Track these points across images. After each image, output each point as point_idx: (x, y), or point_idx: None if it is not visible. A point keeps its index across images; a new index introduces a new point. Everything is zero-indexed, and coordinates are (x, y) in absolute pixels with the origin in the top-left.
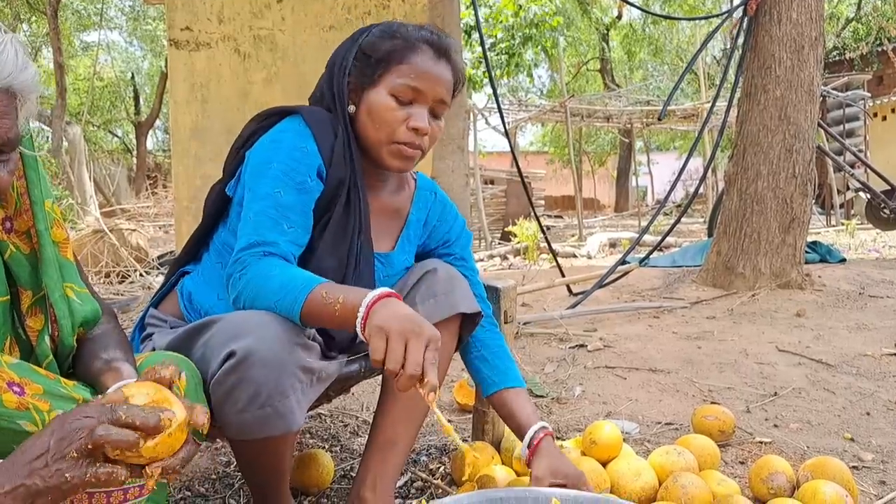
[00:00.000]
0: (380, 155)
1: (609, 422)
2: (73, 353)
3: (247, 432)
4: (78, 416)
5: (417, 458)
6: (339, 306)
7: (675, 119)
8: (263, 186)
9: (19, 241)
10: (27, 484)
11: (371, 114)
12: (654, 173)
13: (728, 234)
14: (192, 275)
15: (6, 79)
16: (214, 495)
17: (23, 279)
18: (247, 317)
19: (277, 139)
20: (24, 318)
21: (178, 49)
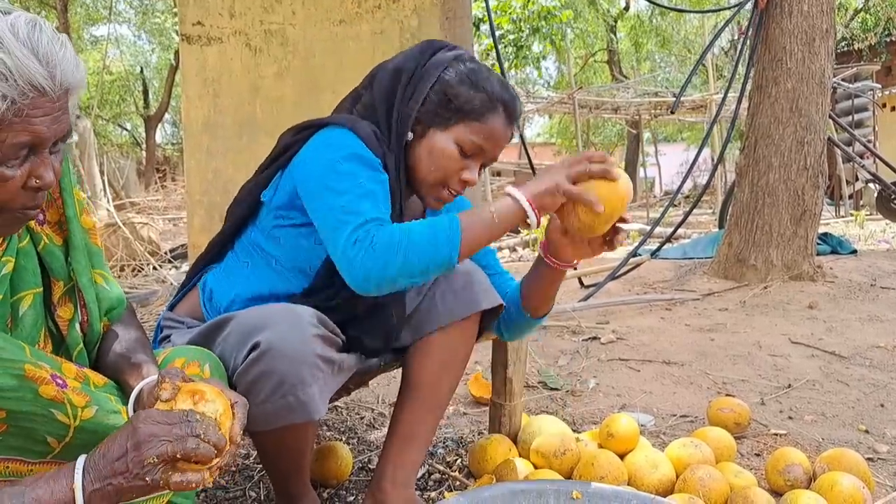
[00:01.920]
0: (422, 190)
1: (626, 414)
2: (99, 342)
3: (270, 422)
4: (155, 422)
5: (434, 451)
6: (496, 218)
7: (684, 110)
8: (342, 183)
9: (52, 233)
10: (114, 484)
11: (432, 154)
12: (661, 164)
13: (740, 227)
14: (214, 272)
15: (69, 80)
16: (234, 487)
17: (56, 270)
18: (266, 310)
19: (338, 144)
20: (55, 309)
21: (190, 44)
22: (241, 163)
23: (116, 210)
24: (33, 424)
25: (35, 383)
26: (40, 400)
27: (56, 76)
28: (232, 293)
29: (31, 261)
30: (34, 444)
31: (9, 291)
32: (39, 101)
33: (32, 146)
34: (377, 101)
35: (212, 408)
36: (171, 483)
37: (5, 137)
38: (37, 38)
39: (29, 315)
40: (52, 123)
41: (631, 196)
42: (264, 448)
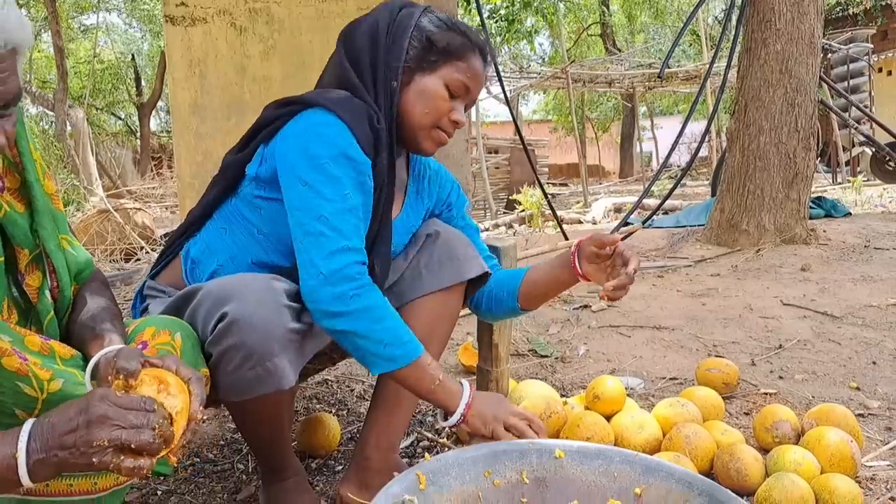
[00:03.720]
0: (417, 136)
1: (612, 377)
2: (70, 308)
3: (241, 392)
4: (111, 404)
5: (423, 419)
6: (431, 395)
7: (678, 81)
8: (331, 190)
9: (13, 200)
10: (59, 456)
11: (423, 96)
12: (658, 138)
13: (731, 192)
14: (195, 241)
15: (14, 39)
16: (223, 461)
17: (18, 238)
18: (236, 280)
19: (322, 134)
20: (24, 277)
21: (174, 25)
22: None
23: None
24: (0, 397)
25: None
26: (4, 372)
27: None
28: (215, 263)
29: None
30: (2, 417)
31: None
32: None
33: None
34: (360, 60)
35: (172, 402)
36: (123, 468)
37: None
38: None
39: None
40: None
41: None
42: (241, 419)
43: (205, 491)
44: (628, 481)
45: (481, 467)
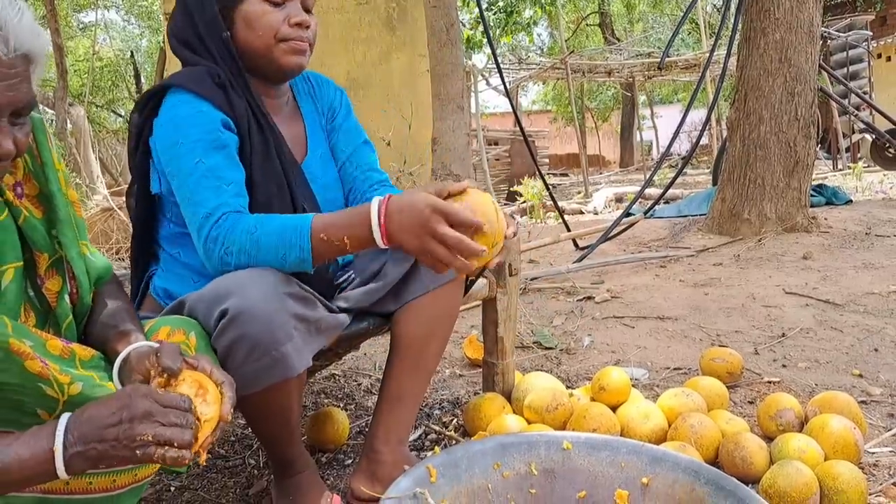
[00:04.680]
0: (272, 59)
1: (617, 368)
2: (88, 313)
3: (250, 385)
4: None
5: (431, 413)
6: (349, 246)
7: (677, 70)
8: (184, 165)
9: (31, 206)
10: (98, 449)
11: (250, 24)
12: (658, 127)
13: (732, 181)
14: (157, 274)
15: (25, 45)
16: (234, 456)
17: (38, 243)
18: (227, 279)
19: (171, 118)
20: (43, 282)
21: None
22: None
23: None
24: (22, 397)
25: (20, 357)
26: (27, 374)
27: (10, 41)
28: (190, 285)
29: (11, 235)
30: (23, 416)
31: None
32: None
33: None
34: (187, 38)
35: (205, 410)
36: (168, 458)
37: None
38: None
39: (11, 289)
40: (7, 91)
41: (500, 239)
42: (251, 413)
43: (217, 486)
44: (635, 471)
45: (490, 460)
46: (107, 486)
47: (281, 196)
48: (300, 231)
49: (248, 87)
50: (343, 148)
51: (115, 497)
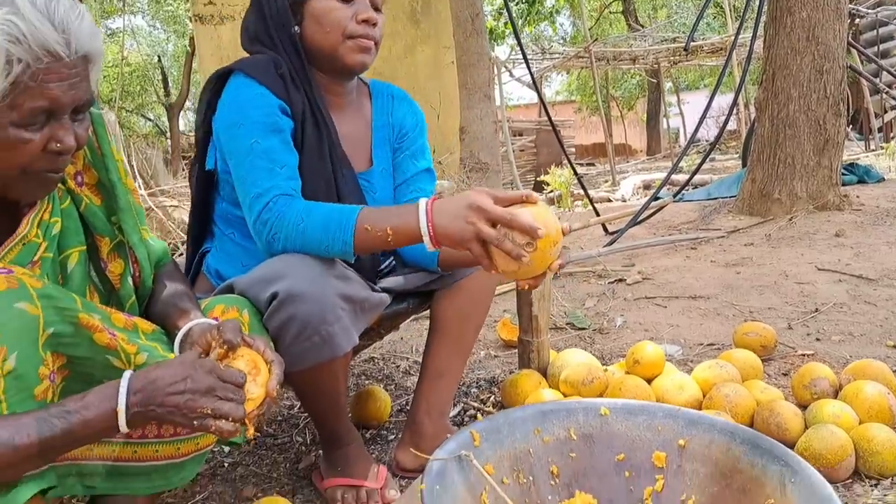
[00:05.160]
0: (337, 56)
1: (651, 342)
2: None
3: (300, 362)
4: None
5: (468, 391)
6: (392, 237)
7: (703, 54)
8: (241, 145)
9: (91, 194)
10: (158, 412)
11: (319, 21)
12: (685, 113)
13: (762, 161)
14: (211, 253)
15: (85, 47)
16: (282, 434)
17: (99, 228)
18: (277, 262)
19: (232, 99)
20: (106, 265)
21: (203, 24)
22: None
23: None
24: (92, 370)
25: (89, 331)
26: (96, 347)
27: (71, 43)
28: (239, 266)
29: (74, 220)
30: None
31: (56, 250)
32: (55, 67)
33: (51, 111)
34: (258, 35)
35: (254, 389)
36: (225, 431)
37: (23, 101)
38: (53, 6)
39: (76, 271)
40: (69, 89)
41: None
42: (301, 389)
43: (268, 462)
44: (672, 434)
45: (531, 425)
46: (172, 454)
47: (327, 190)
48: (345, 223)
49: (309, 83)
50: (405, 170)
51: (179, 464)
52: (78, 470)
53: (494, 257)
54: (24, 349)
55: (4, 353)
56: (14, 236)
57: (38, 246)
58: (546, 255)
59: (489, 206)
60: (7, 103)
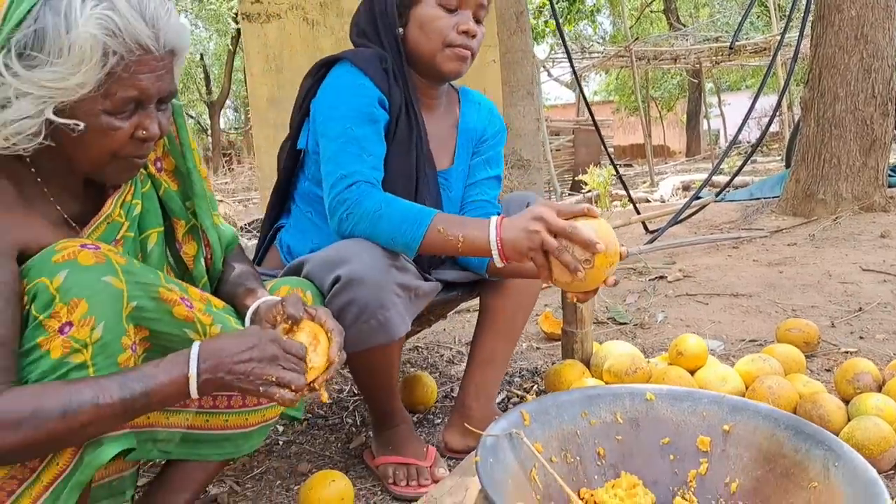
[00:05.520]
0: (434, 63)
1: (694, 335)
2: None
3: (358, 344)
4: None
5: (511, 380)
6: (462, 244)
7: (746, 54)
8: (335, 127)
9: (168, 179)
10: (226, 379)
11: (423, 27)
12: (726, 114)
13: (807, 161)
14: (286, 228)
15: (172, 41)
16: (332, 416)
17: (176, 212)
18: (340, 247)
19: (335, 84)
20: (181, 246)
21: (250, 22)
22: None
23: None
24: (170, 343)
25: (169, 305)
26: (175, 320)
27: (160, 37)
28: (309, 245)
29: (153, 203)
30: None
31: (137, 230)
32: (145, 59)
33: (139, 101)
34: (365, 24)
35: (315, 359)
36: (287, 399)
37: (116, 91)
38: (145, 2)
39: (155, 251)
40: (157, 81)
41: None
42: (357, 370)
43: (320, 441)
44: (717, 419)
45: (578, 408)
46: (241, 424)
47: (406, 185)
48: (420, 221)
49: (406, 81)
50: (476, 173)
51: (247, 434)
52: (155, 436)
53: (553, 268)
54: (111, 320)
55: (93, 322)
56: (99, 215)
57: (120, 225)
58: (601, 272)
59: (552, 218)
60: (101, 92)
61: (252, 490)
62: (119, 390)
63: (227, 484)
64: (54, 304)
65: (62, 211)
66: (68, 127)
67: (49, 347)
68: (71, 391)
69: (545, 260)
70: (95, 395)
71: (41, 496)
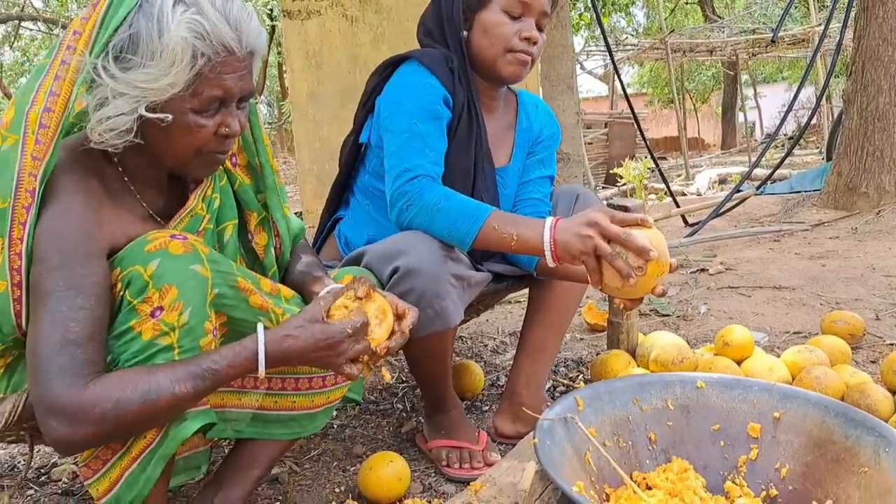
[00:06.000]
0: (496, 67)
1: (740, 326)
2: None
3: (415, 332)
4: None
5: (557, 370)
6: (515, 242)
7: (784, 45)
8: (400, 123)
9: (242, 174)
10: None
11: (487, 31)
12: (761, 107)
13: (849, 155)
14: (345, 220)
15: (252, 43)
16: (384, 402)
17: (250, 204)
18: (399, 239)
19: (402, 81)
20: (252, 237)
21: (291, 19)
22: (345, 130)
23: None
24: (245, 329)
25: (245, 293)
26: (250, 308)
27: (243, 40)
28: (365, 237)
29: (229, 197)
30: None
31: (215, 222)
32: (229, 60)
33: (223, 99)
34: (432, 24)
35: (379, 332)
36: (355, 372)
37: (202, 90)
38: (228, 6)
39: (230, 242)
40: (239, 80)
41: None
42: (413, 356)
43: (373, 425)
44: (767, 407)
45: (630, 395)
46: (307, 405)
47: (464, 181)
48: (477, 216)
49: (469, 82)
50: (530, 172)
51: (312, 415)
52: (228, 416)
53: (604, 272)
54: (197, 306)
55: (181, 307)
56: (184, 209)
57: (202, 218)
58: (651, 280)
59: (606, 224)
60: (189, 92)
61: (310, 470)
62: (192, 376)
63: (286, 464)
64: (147, 289)
65: (147, 207)
66: (159, 121)
67: (141, 330)
68: (150, 381)
69: (597, 264)
70: (172, 383)
71: (129, 467)
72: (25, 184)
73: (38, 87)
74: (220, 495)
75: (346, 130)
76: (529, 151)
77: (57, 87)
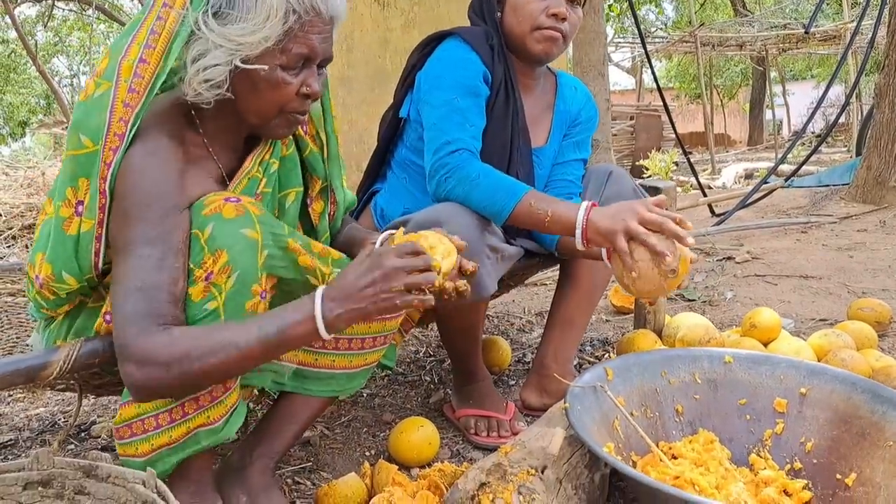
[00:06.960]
0: (526, 45)
1: (767, 308)
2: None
3: (451, 301)
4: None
5: (583, 348)
6: (549, 219)
7: (814, 42)
8: (440, 96)
9: (311, 142)
10: (359, 307)
11: (515, 10)
12: (789, 104)
13: (879, 148)
14: (381, 192)
15: (335, 9)
16: (411, 374)
17: (317, 171)
18: (439, 209)
19: (443, 56)
20: (311, 202)
21: None
22: (374, 114)
23: None
24: (293, 289)
25: (295, 254)
26: (299, 269)
27: (329, 3)
28: (401, 209)
29: (295, 165)
30: None
31: (277, 187)
32: (315, 21)
33: (308, 58)
34: (474, 7)
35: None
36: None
37: (291, 47)
38: None
39: (292, 209)
40: (323, 42)
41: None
42: (446, 327)
43: (401, 395)
44: (793, 383)
45: (658, 368)
46: (346, 365)
47: (500, 157)
48: (514, 192)
49: (507, 61)
50: (565, 153)
51: (351, 374)
52: (269, 366)
53: (633, 256)
54: (244, 269)
55: (230, 271)
56: (241, 170)
57: (259, 181)
58: (679, 279)
59: (643, 210)
60: (280, 47)
61: (341, 435)
62: (258, 332)
63: (318, 429)
64: (203, 254)
65: (222, 169)
66: (253, 72)
67: (192, 292)
68: (216, 336)
69: (626, 247)
70: (238, 339)
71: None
72: (115, 128)
73: (131, 40)
74: (258, 449)
75: (375, 115)
76: (566, 133)
77: (153, 40)
